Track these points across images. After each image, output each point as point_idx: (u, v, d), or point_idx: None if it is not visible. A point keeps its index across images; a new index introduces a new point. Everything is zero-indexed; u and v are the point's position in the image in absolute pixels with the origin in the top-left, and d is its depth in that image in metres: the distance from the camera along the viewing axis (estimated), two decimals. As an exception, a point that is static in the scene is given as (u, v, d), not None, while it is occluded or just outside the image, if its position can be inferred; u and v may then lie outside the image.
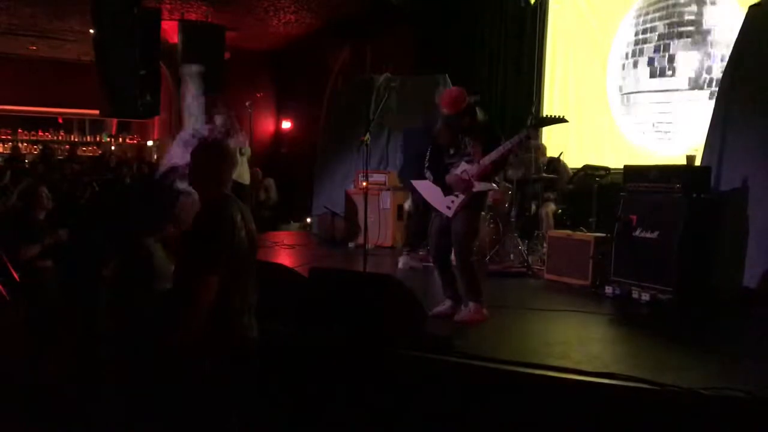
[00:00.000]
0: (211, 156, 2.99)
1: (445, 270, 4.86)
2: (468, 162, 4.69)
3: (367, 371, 3.79)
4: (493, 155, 4.60)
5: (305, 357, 4.10)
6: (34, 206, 5.42)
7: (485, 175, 4.69)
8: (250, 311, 3.03)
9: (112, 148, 15.95)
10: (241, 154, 8.23)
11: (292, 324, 4.28)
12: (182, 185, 3.39)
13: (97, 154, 15.34)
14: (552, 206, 7.31)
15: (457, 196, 4.69)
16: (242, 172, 8.22)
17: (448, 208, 4.71)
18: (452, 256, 4.86)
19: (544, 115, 5.07)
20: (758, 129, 5.30)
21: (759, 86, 5.38)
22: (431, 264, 5.42)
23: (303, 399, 4.06)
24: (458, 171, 4.69)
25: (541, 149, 7.79)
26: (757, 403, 2.96)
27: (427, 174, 4.87)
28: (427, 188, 4.89)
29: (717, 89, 6.29)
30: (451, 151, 4.77)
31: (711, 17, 7.09)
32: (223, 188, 2.98)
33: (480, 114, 4.75)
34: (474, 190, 4.64)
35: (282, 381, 4.17)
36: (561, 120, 4.86)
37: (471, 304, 4.67)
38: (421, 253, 7.79)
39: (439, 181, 4.78)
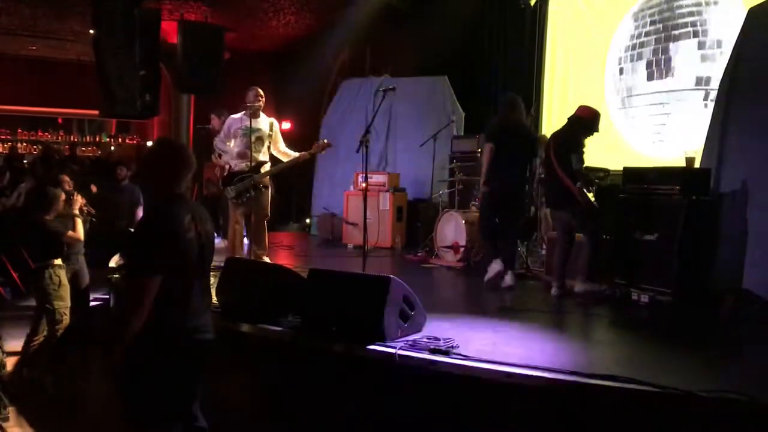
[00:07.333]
0: (167, 156, 3.02)
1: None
2: None
3: (364, 372, 3.79)
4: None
5: (304, 358, 4.10)
6: (47, 209, 5.31)
7: None
8: (200, 312, 3.00)
9: (112, 148, 15.94)
10: None
11: (291, 325, 4.28)
12: None
13: (97, 155, 15.36)
14: (551, 208, 7.30)
15: None
16: None
17: None
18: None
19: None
20: (758, 131, 5.29)
21: (759, 88, 5.37)
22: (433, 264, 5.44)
23: (301, 400, 4.06)
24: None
25: (540, 140, 7.71)
26: (756, 406, 2.95)
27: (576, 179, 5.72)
28: None
29: (716, 91, 6.27)
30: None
31: (711, 17, 7.07)
32: (175, 188, 2.97)
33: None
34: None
35: (280, 381, 4.17)
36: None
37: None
38: (419, 254, 7.80)
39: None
